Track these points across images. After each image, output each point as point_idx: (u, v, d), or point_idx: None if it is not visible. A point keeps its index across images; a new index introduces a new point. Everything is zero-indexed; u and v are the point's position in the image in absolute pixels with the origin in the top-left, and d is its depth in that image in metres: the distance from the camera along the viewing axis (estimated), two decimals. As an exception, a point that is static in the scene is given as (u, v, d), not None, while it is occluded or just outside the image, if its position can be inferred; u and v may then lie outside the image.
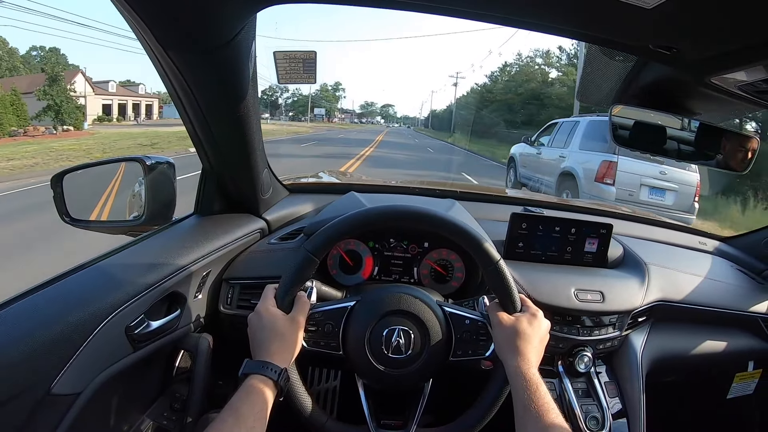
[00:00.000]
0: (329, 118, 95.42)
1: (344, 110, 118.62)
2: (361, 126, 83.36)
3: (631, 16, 0.59)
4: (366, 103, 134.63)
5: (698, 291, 1.17)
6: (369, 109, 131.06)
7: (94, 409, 0.68)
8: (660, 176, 5.84)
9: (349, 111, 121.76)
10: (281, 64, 0.86)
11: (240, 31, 0.67)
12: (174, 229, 0.97)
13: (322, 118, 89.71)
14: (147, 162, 0.93)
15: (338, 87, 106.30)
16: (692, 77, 0.78)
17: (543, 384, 0.71)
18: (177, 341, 0.88)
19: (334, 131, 40.89)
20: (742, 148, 0.96)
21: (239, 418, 0.63)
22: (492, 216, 1.27)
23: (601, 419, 0.97)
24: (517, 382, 0.71)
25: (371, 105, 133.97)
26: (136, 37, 0.68)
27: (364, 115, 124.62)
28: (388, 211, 0.80)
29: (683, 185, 5.89)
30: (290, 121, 68.69)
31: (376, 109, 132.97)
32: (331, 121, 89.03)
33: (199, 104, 0.80)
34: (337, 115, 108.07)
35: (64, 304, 0.66)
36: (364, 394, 0.83)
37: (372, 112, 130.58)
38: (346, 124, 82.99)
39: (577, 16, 0.65)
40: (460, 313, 0.82)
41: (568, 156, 6.58)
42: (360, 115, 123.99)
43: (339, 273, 1.09)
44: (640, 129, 0.91)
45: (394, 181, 1.75)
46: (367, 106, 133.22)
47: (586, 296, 1.01)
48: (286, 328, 0.75)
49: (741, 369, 1.30)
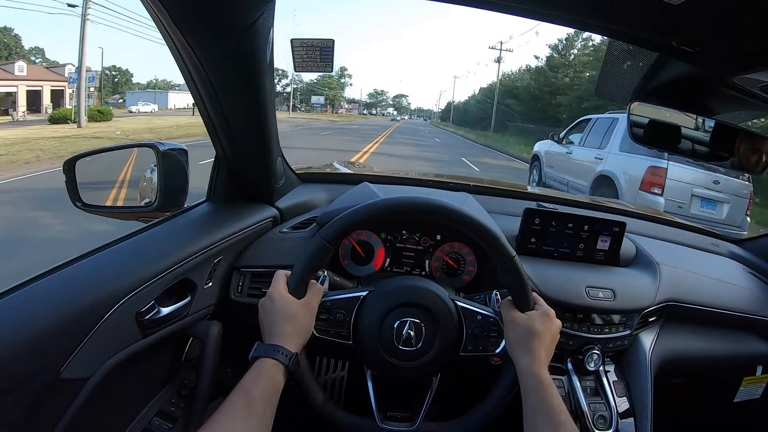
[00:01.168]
0: (333, 108, 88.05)
1: (352, 100, 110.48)
2: (365, 118, 73.86)
3: (657, 12, 0.59)
4: (375, 91, 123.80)
5: (709, 293, 1.16)
6: (379, 99, 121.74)
7: (102, 394, 0.68)
8: (713, 186, 5.12)
9: (356, 101, 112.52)
10: (298, 52, 0.85)
11: (259, 17, 0.67)
12: (186, 215, 0.97)
13: (321, 107, 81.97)
14: (160, 148, 0.93)
15: (344, 73, 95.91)
16: (713, 76, 0.78)
17: (554, 385, 0.70)
18: (187, 328, 0.88)
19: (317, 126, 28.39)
20: (758, 149, 0.94)
21: (250, 402, 0.63)
22: (505, 210, 1.27)
23: (609, 418, 0.97)
24: (528, 382, 0.71)
25: (381, 94, 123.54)
26: (153, 21, 0.68)
27: (374, 106, 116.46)
28: (405, 202, 0.80)
29: (736, 197, 5.18)
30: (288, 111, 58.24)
31: (387, 98, 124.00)
32: (336, 113, 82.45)
33: (215, 91, 0.79)
34: (344, 105, 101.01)
35: (74, 289, 0.66)
36: (372, 386, 0.83)
37: (382, 102, 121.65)
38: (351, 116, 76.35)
39: (601, 10, 0.64)
40: (472, 308, 0.82)
41: (606, 158, 5.81)
42: (369, 106, 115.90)
43: (350, 263, 1.09)
44: (656, 126, 0.91)
45: (408, 173, 1.75)
46: (377, 95, 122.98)
47: (597, 294, 1.01)
48: (298, 313, 0.75)
49: (749, 373, 1.29)
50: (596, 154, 6.05)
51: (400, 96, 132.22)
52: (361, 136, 22.84)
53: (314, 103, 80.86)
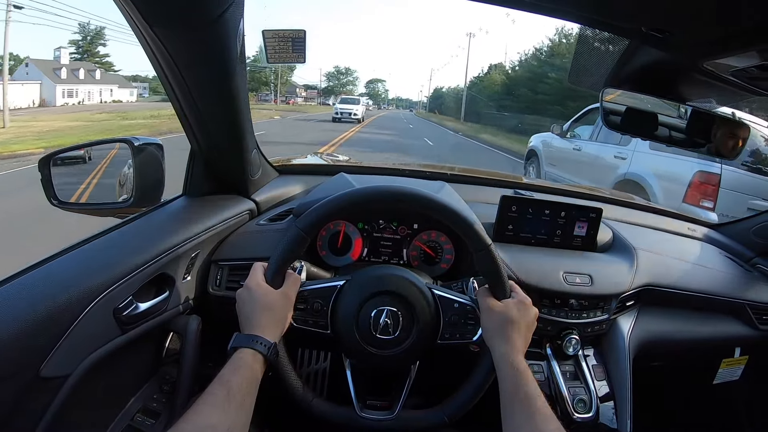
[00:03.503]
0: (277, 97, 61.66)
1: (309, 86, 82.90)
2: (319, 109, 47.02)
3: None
4: (336, 70, 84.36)
5: (686, 276, 1.18)
6: (343, 80, 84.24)
7: (83, 391, 0.68)
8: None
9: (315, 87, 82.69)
10: (270, 43, 0.85)
11: (228, 7, 0.66)
12: (162, 210, 0.96)
13: (263, 97, 59.44)
14: (135, 143, 0.92)
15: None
16: (685, 62, 0.78)
17: (530, 371, 0.71)
18: (166, 323, 0.87)
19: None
20: (734, 135, 0.96)
21: (230, 392, 0.63)
22: (482, 198, 1.27)
23: (589, 402, 0.98)
24: (504, 369, 0.72)
25: (346, 74, 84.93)
26: (121, 13, 0.66)
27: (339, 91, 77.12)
28: (380, 191, 0.80)
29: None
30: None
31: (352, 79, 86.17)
32: (289, 102, 63.35)
33: (187, 83, 0.79)
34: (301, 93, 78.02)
35: (50, 286, 0.65)
36: (351, 374, 0.84)
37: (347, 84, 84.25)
38: (304, 107, 55.38)
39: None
40: (449, 296, 0.83)
41: (632, 158, 4.58)
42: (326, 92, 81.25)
43: (328, 254, 1.09)
44: (631, 114, 0.92)
45: (385, 163, 1.75)
46: (339, 75, 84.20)
47: (574, 279, 1.02)
48: (276, 302, 0.75)
49: (728, 355, 1.31)
50: (616, 151, 4.80)
51: (375, 81, 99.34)
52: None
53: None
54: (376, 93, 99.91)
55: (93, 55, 47.83)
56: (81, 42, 47.21)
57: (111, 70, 49.28)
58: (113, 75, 48.43)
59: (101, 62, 48.04)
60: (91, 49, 47.82)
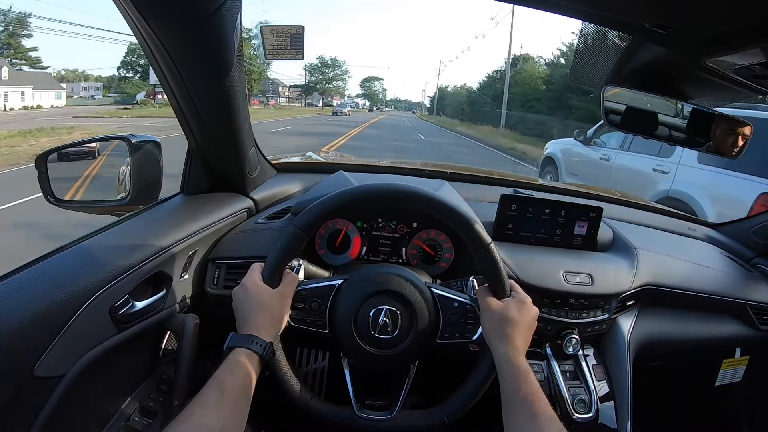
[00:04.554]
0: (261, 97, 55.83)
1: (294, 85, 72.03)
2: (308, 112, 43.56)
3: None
4: (321, 62, 70.58)
5: (687, 276, 1.18)
6: (329, 74, 71.16)
7: (78, 391, 0.67)
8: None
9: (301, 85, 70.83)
10: (268, 39, 0.84)
11: (224, 1, 0.65)
12: (160, 208, 0.96)
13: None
14: (132, 140, 0.91)
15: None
16: (687, 59, 0.77)
17: (531, 372, 0.71)
18: (163, 322, 0.87)
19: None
20: (735, 133, 0.95)
21: (223, 392, 0.62)
22: (482, 197, 1.27)
23: (589, 402, 0.98)
24: (505, 369, 0.71)
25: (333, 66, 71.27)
26: (117, 7, 0.66)
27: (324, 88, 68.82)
28: (378, 189, 0.79)
29: None
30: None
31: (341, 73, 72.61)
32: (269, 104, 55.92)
33: (183, 79, 0.78)
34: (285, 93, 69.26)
35: (45, 285, 0.65)
36: (350, 374, 0.83)
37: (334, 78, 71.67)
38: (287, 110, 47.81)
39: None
40: (448, 296, 0.82)
41: (676, 172, 3.96)
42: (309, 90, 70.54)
43: (327, 253, 1.09)
44: (632, 111, 0.91)
45: (384, 162, 1.74)
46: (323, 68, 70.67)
47: (575, 278, 1.02)
48: (272, 302, 0.74)
49: (728, 355, 1.31)
50: (656, 163, 4.21)
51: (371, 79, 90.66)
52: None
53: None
54: (373, 93, 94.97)
55: (16, 49, 39.38)
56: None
57: (38, 67, 41.68)
58: (32, 74, 39.41)
59: (25, 56, 40.15)
60: (11, 42, 38.90)
